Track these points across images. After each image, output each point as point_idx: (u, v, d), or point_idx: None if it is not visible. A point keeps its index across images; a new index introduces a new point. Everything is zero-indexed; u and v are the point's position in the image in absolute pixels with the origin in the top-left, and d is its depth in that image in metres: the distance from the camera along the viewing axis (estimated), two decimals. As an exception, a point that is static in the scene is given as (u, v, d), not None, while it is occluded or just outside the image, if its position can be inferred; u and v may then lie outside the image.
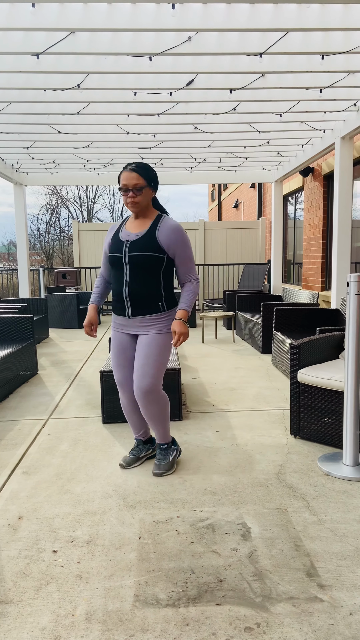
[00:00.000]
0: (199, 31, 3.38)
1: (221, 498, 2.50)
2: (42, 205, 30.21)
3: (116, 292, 2.66)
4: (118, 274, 2.62)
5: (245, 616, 1.68)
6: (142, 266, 2.54)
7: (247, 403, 4.10)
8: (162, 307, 2.62)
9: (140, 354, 2.63)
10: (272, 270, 8.92)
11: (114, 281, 2.67)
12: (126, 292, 2.60)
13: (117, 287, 2.65)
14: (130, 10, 3.28)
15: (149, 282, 2.57)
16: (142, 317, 2.62)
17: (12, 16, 3.26)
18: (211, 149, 7.02)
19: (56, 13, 3.26)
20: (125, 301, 2.62)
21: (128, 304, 2.62)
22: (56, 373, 5.31)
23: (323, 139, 6.25)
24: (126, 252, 2.56)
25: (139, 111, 5.17)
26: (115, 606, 1.75)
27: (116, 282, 2.65)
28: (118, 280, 2.63)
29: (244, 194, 15.04)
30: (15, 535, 2.20)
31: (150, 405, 2.66)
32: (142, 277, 2.56)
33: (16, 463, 2.98)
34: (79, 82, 4.33)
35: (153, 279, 2.57)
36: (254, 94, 4.80)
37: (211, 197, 22.94)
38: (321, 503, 2.44)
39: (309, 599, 1.76)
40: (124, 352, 2.73)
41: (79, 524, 2.28)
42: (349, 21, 3.36)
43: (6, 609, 1.74)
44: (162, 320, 2.63)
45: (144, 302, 2.59)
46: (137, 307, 2.61)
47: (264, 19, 3.34)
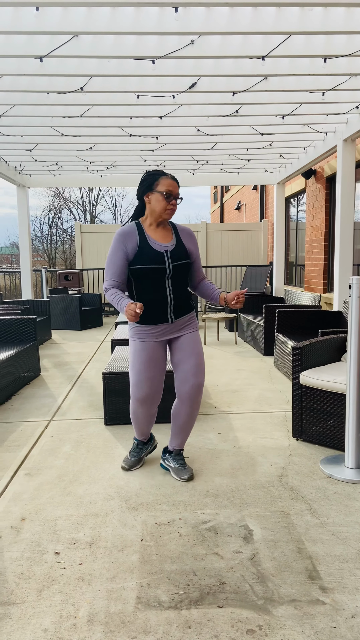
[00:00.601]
0: (202, 34, 3.39)
1: (223, 500, 2.50)
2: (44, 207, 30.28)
3: (156, 301, 2.58)
4: (157, 283, 2.57)
5: (247, 618, 1.69)
6: (182, 273, 2.62)
7: (249, 405, 4.10)
8: (191, 306, 2.73)
9: (191, 352, 2.66)
10: (274, 272, 8.92)
11: (150, 291, 2.57)
12: (171, 299, 2.59)
13: (156, 296, 2.58)
14: (134, 14, 3.29)
15: (185, 286, 2.68)
16: (183, 318, 2.68)
17: (16, 19, 3.27)
18: (213, 151, 7.03)
19: (59, 16, 3.28)
20: (170, 309, 2.60)
21: (172, 311, 2.61)
22: (59, 375, 5.32)
23: (325, 142, 6.26)
24: (170, 263, 2.56)
25: (142, 114, 5.19)
26: (117, 608, 1.75)
27: (154, 291, 2.57)
28: (158, 289, 2.57)
29: (246, 196, 15.05)
30: (17, 537, 2.21)
31: (198, 403, 2.72)
32: (181, 283, 2.64)
33: (19, 464, 2.99)
34: (82, 84, 4.35)
35: (186, 282, 2.68)
36: (256, 97, 4.81)
37: (213, 199, 22.96)
38: (323, 506, 2.44)
39: (311, 601, 1.76)
40: (157, 363, 2.66)
41: (81, 526, 2.29)
42: (352, 24, 3.36)
43: (9, 611, 1.75)
44: (193, 318, 2.75)
45: (183, 304, 2.66)
46: (179, 311, 2.64)
47: (266, 22, 3.35)
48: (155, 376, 2.67)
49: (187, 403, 2.68)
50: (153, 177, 2.55)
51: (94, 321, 9.30)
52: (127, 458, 2.92)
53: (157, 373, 2.67)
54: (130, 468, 2.87)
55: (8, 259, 27.59)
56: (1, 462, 3.04)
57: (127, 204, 41.04)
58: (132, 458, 2.91)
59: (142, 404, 2.71)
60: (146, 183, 2.56)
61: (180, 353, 2.67)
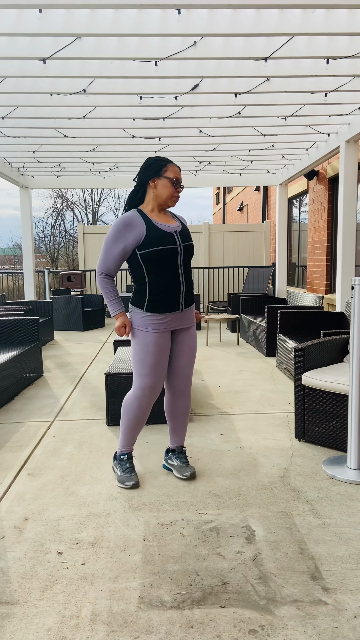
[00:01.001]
0: (204, 36, 3.40)
1: (225, 501, 2.51)
2: (47, 208, 30.35)
3: (169, 287, 2.53)
4: (171, 267, 2.53)
5: (249, 619, 1.69)
6: (190, 255, 2.64)
7: (251, 406, 4.10)
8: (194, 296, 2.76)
9: (189, 349, 2.70)
10: (277, 273, 8.92)
11: (165, 277, 2.52)
12: (183, 284, 2.58)
13: (170, 281, 2.53)
14: (136, 16, 3.31)
15: (190, 271, 2.68)
16: (190, 307, 2.69)
17: (19, 21, 3.29)
18: (216, 153, 7.04)
19: (63, 18, 3.29)
20: (182, 295, 2.59)
21: (183, 298, 2.60)
22: (61, 375, 5.33)
23: (328, 143, 6.26)
24: (181, 243, 2.56)
25: (145, 115, 5.20)
26: (120, 608, 1.76)
27: (168, 276, 2.53)
28: (172, 273, 2.53)
29: (248, 197, 15.06)
30: (20, 537, 2.21)
31: (189, 395, 2.79)
32: (189, 267, 2.66)
33: (21, 465, 3.00)
34: (85, 86, 4.37)
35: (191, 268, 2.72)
36: (258, 98, 4.82)
37: (215, 200, 22.97)
38: (325, 506, 2.44)
39: (313, 602, 1.77)
40: (166, 353, 2.62)
41: (84, 526, 2.29)
42: (354, 25, 3.37)
43: (12, 610, 1.76)
44: (194, 310, 2.77)
45: (190, 291, 2.67)
46: (189, 298, 2.65)
47: (269, 23, 3.35)
48: (162, 366, 2.62)
49: (184, 397, 2.74)
50: (160, 162, 2.53)
51: (96, 322, 9.32)
52: (126, 477, 2.69)
53: (164, 363, 2.64)
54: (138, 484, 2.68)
55: (11, 260, 27.64)
56: (4, 462, 3.05)
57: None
58: (133, 473, 2.72)
59: (151, 392, 2.61)
60: (153, 168, 2.53)
61: (179, 347, 2.69)
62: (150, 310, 2.54)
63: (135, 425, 2.70)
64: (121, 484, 2.68)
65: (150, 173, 2.54)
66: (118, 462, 2.77)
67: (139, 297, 2.58)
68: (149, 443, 3.32)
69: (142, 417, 2.69)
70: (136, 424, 2.69)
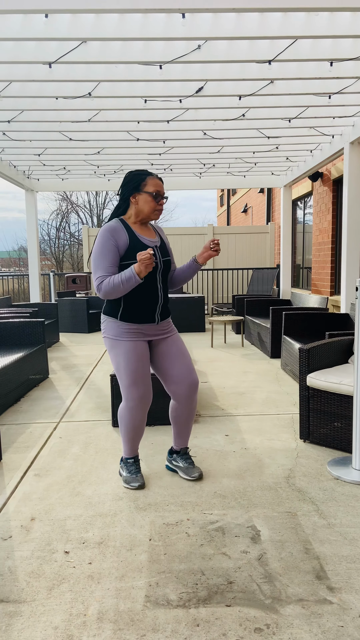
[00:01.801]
0: (209, 39, 3.42)
1: (231, 501, 2.52)
2: (52, 210, 30.47)
3: (145, 299, 2.55)
4: (149, 281, 2.54)
5: (255, 617, 1.70)
6: (167, 270, 2.66)
7: (256, 407, 4.11)
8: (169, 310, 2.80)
9: (180, 355, 2.69)
10: (281, 274, 8.92)
11: (142, 289, 2.53)
12: (160, 297, 2.61)
13: (147, 295, 2.55)
14: (141, 20, 3.33)
15: (167, 286, 2.71)
16: (167, 320, 2.71)
17: (26, 26, 3.32)
18: (220, 155, 7.06)
19: (68, 23, 3.32)
20: (158, 308, 2.61)
21: (159, 310, 2.62)
22: (67, 377, 5.35)
23: (332, 144, 6.27)
24: (160, 257, 2.60)
25: (149, 118, 5.23)
26: (126, 606, 1.77)
27: (146, 289, 2.54)
28: (150, 287, 2.55)
29: (252, 198, 15.07)
30: (28, 536, 2.23)
31: (195, 399, 2.73)
32: (166, 282, 2.67)
33: (28, 465, 3.02)
34: (90, 90, 4.40)
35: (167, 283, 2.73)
36: (263, 101, 4.83)
37: (220, 202, 22.99)
38: (331, 507, 2.45)
39: (318, 601, 1.78)
40: (145, 361, 2.60)
41: (90, 526, 2.31)
42: (358, 28, 3.38)
43: (20, 608, 1.78)
44: (172, 323, 2.79)
45: (167, 304, 2.70)
46: (164, 311, 2.67)
47: (273, 26, 3.37)
48: (146, 374, 2.62)
49: (186, 402, 2.70)
50: (139, 177, 2.51)
51: (100, 324, 9.34)
52: (132, 478, 2.70)
53: (147, 371, 2.63)
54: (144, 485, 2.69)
55: (16, 263, 27.75)
56: (11, 463, 3.07)
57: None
58: (138, 474, 2.73)
59: (141, 401, 2.59)
60: (132, 184, 2.52)
61: (169, 356, 2.66)
62: (124, 320, 2.54)
63: (134, 435, 2.71)
64: (127, 485, 2.69)
65: (130, 189, 2.52)
66: (124, 464, 2.79)
67: (113, 306, 2.56)
68: (154, 444, 3.33)
69: (139, 426, 2.67)
70: (135, 434, 2.70)
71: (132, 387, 2.57)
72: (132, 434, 2.69)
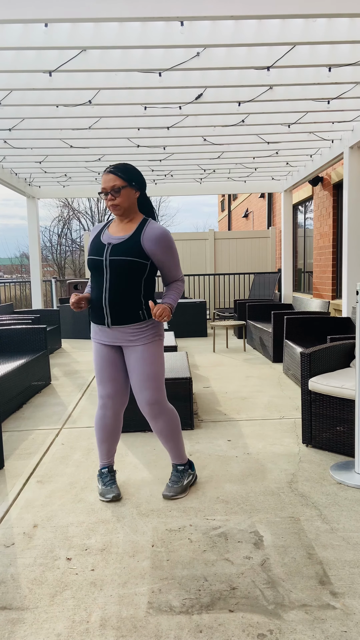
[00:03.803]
0: (208, 46, 3.45)
1: (233, 507, 2.52)
2: (54, 217, 30.55)
3: (95, 299, 2.49)
4: (98, 279, 2.47)
5: (258, 623, 1.70)
6: (123, 272, 2.41)
7: (258, 412, 4.11)
8: (143, 316, 2.46)
9: (135, 371, 2.51)
10: (283, 279, 8.93)
11: (94, 287, 2.50)
12: (106, 298, 2.44)
13: (97, 293, 2.48)
14: (140, 28, 3.36)
15: (129, 289, 2.44)
16: (124, 328, 2.48)
17: (26, 36, 3.35)
18: (220, 160, 7.09)
19: (68, 32, 3.35)
20: (105, 308, 2.46)
21: (107, 312, 2.46)
22: (69, 383, 5.36)
23: (332, 149, 6.29)
24: (107, 256, 2.42)
25: (149, 125, 5.26)
26: (129, 613, 1.77)
27: (96, 287, 2.49)
28: (98, 285, 2.48)
29: (253, 203, 15.11)
30: (30, 543, 2.23)
31: (157, 418, 2.56)
32: (123, 284, 2.43)
33: (30, 472, 3.03)
34: (91, 97, 4.43)
35: (134, 286, 2.44)
36: (262, 106, 4.86)
37: (221, 207, 23.05)
38: (333, 512, 2.44)
39: (321, 606, 1.77)
40: (108, 366, 2.56)
41: (92, 532, 2.31)
42: (356, 33, 3.40)
43: (22, 616, 1.77)
44: (146, 330, 2.49)
45: (123, 310, 2.44)
46: (116, 316, 2.45)
47: (271, 33, 3.40)
48: (106, 379, 2.58)
49: (146, 416, 2.58)
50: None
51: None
52: (106, 490, 2.64)
53: (107, 377, 2.57)
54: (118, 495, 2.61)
55: (18, 270, 27.82)
56: (13, 469, 3.07)
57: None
58: (111, 486, 2.65)
59: (108, 400, 2.59)
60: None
61: (128, 366, 2.56)
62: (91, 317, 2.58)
63: (102, 437, 2.67)
64: (102, 498, 2.62)
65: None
66: (99, 476, 2.73)
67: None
68: (156, 450, 3.33)
69: (108, 428, 2.64)
70: (103, 435, 2.66)
71: (99, 385, 2.63)
72: (100, 434, 2.67)
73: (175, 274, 2.58)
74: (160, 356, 2.55)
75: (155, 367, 2.52)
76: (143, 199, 2.58)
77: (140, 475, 2.94)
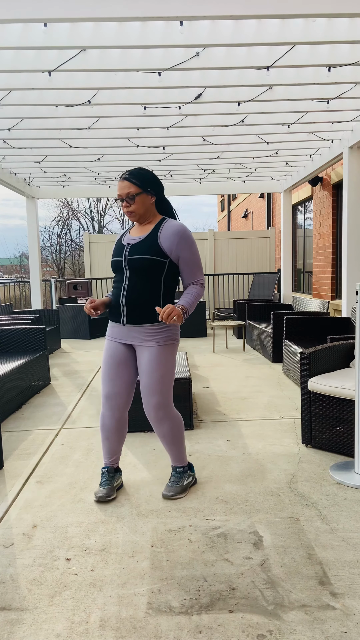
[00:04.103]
0: (207, 46, 3.45)
1: (233, 507, 2.51)
2: (53, 217, 30.55)
3: (115, 297, 2.55)
4: (119, 278, 2.54)
5: (257, 624, 1.69)
6: (142, 271, 2.44)
7: (258, 412, 4.11)
8: (155, 317, 2.47)
9: (144, 373, 2.50)
10: (282, 279, 8.93)
11: (116, 286, 2.56)
12: (124, 296, 2.47)
13: (117, 292, 2.54)
14: (140, 28, 3.36)
15: (148, 289, 2.45)
16: (139, 327, 2.48)
17: (25, 35, 3.35)
18: (220, 160, 7.09)
19: (67, 31, 3.35)
20: (122, 306, 2.48)
21: (124, 310, 2.48)
22: (68, 383, 5.35)
23: (331, 149, 6.29)
24: (126, 256, 2.48)
25: (149, 125, 5.26)
26: (128, 613, 1.76)
27: (117, 286, 2.55)
28: (118, 285, 2.54)
29: (253, 203, 15.11)
30: (29, 544, 2.23)
31: (162, 423, 2.55)
32: (142, 283, 2.45)
33: (30, 472, 3.02)
34: (90, 97, 4.42)
35: (153, 285, 2.45)
36: (261, 106, 4.86)
37: (220, 207, 23.05)
38: (333, 512, 2.44)
39: (321, 606, 1.77)
40: (117, 365, 2.56)
41: (92, 533, 2.30)
42: (355, 33, 3.40)
43: (21, 616, 1.77)
44: (161, 332, 2.47)
45: (141, 309, 2.45)
46: (133, 315, 2.46)
47: (270, 33, 3.40)
48: (114, 377, 2.57)
49: (150, 420, 2.57)
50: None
51: (103, 330, 9.35)
52: (98, 489, 2.65)
53: (116, 375, 2.57)
54: (107, 497, 2.59)
55: (18, 270, 27.82)
56: (13, 470, 3.07)
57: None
58: (105, 486, 2.64)
59: (106, 402, 2.60)
60: None
61: (139, 368, 2.55)
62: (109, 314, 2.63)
63: (103, 437, 2.68)
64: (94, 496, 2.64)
65: None
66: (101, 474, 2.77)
67: None
68: (155, 450, 3.33)
69: (105, 427, 2.65)
70: (102, 435, 2.68)
71: (102, 384, 2.64)
72: (101, 433, 2.69)
73: (193, 274, 2.52)
74: (172, 360, 2.54)
75: (165, 371, 2.50)
76: (161, 202, 2.60)
77: (140, 475, 2.93)
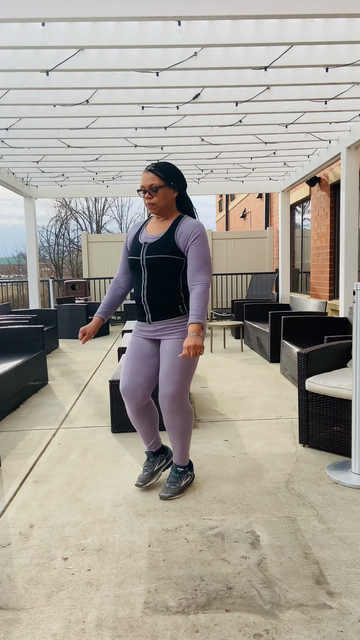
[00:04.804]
0: (205, 46, 3.45)
1: (230, 506, 2.51)
2: (51, 217, 30.54)
3: (136, 297, 2.57)
4: (137, 277, 2.55)
5: (254, 623, 1.69)
6: (161, 269, 2.46)
7: (255, 412, 4.11)
8: (182, 310, 2.51)
9: (165, 361, 2.52)
10: (280, 279, 8.94)
11: (135, 285, 2.58)
12: (144, 296, 2.51)
13: (137, 292, 2.56)
14: (138, 28, 3.36)
15: (168, 286, 2.48)
16: (163, 322, 2.52)
17: (23, 35, 3.35)
18: (218, 161, 7.09)
19: (65, 31, 3.35)
20: (144, 305, 2.53)
21: (147, 309, 2.53)
22: (66, 383, 5.35)
23: (329, 149, 6.30)
24: (144, 255, 2.48)
25: (147, 125, 5.26)
26: (125, 613, 1.76)
27: (136, 286, 2.56)
28: (137, 284, 2.55)
29: (251, 204, 15.12)
30: (26, 543, 2.23)
31: (174, 414, 2.56)
32: (161, 281, 2.48)
33: (27, 472, 3.02)
34: (88, 97, 4.42)
35: (171, 283, 2.48)
36: (259, 106, 4.86)
37: (218, 207, 23.06)
38: (330, 511, 2.44)
39: (317, 606, 1.77)
40: (142, 358, 2.59)
41: (89, 532, 2.30)
42: (353, 34, 3.41)
43: (18, 616, 1.77)
44: (184, 324, 2.52)
45: (163, 306, 2.50)
46: (156, 312, 2.52)
47: (268, 33, 3.40)
48: (135, 370, 2.59)
49: (163, 410, 2.59)
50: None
51: (100, 330, 9.35)
52: (140, 475, 2.76)
53: (138, 368, 2.59)
54: (145, 484, 2.70)
55: (16, 269, 27.79)
56: (10, 469, 3.06)
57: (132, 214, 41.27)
58: (145, 473, 2.75)
59: (125, 395, 2.62)
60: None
61: (161, 359, 2.57)
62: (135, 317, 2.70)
63: (134, 426, 2.77)
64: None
65: None
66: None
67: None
68: (153, 450, 3.33)
69: (133, 419, 2.70)
70: (135, 424, 2.74)
71: (120, 378, 2.69)
72: (135, 427, 2.76)
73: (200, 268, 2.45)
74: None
75: (184, 362, 2.50)
76: (182, 198, 2.59)
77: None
